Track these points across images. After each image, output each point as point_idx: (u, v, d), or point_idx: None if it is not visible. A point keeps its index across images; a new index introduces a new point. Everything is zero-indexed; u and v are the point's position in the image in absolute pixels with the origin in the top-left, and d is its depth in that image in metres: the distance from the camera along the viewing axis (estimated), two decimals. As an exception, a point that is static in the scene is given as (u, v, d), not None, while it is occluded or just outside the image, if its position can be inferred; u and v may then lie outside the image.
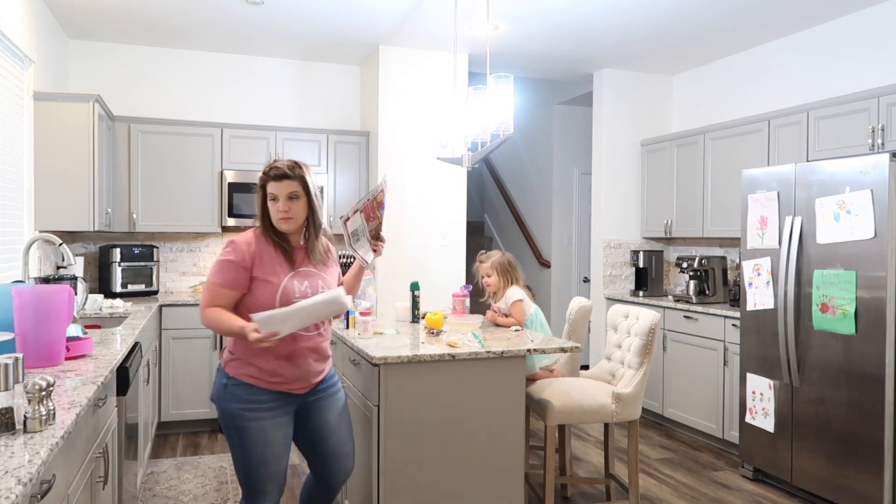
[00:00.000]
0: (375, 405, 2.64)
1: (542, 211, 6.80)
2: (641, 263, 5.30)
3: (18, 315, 2.14)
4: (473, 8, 4.08)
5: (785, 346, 3.61)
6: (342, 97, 5.58)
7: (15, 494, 1.18)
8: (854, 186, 3.26)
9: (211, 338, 4.64)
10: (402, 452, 2.65)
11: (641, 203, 5.60)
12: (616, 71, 5.55)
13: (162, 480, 3.75)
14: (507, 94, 3.14)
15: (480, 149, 3.38)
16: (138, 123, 4.76)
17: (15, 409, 1.56)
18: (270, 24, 4.54)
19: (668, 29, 4.51)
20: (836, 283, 3.33)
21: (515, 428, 2.82)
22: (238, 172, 4.91)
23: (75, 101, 3.99)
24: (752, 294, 3.83)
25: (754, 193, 3.84)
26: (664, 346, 4.81)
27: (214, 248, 5.26)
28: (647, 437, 4.68)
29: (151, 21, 4.49)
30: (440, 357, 2.68)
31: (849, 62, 4.19)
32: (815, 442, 3.46)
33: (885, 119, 3.58)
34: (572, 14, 4.24)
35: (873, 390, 3.17)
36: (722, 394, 4.32)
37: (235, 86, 5.32)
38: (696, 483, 3.83)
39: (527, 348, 2.85)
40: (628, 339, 3.31)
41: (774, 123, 4.27)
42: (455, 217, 5.19)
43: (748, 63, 4.95)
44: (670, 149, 5.24)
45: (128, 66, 5.06)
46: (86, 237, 4.92)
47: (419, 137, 5.06)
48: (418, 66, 5.07)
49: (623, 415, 3.10)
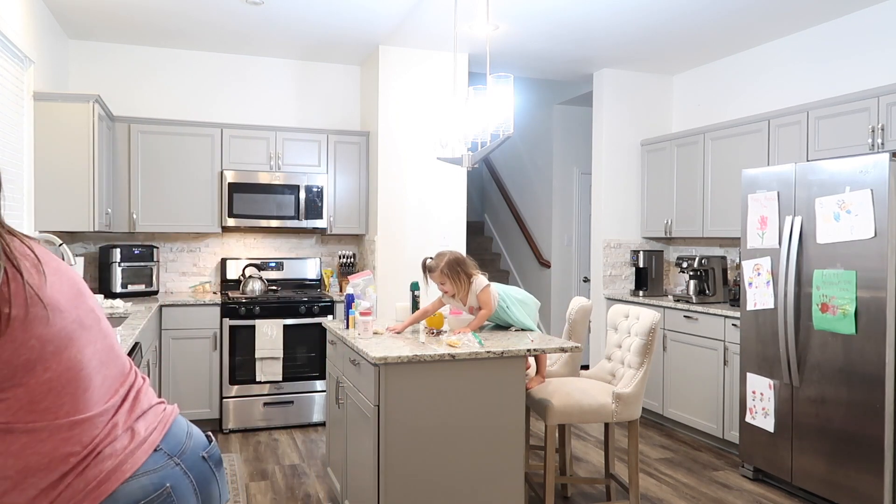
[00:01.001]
0: (375, 405, 2.64)
1: (542, 211, 6.80)
2: (641, 263, 5.30)
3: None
4: (473, 8, 4.08)
5: (785, 346, 3.61)
6: (342, 97, 5.58)
7: (15, 494, 1.17)
8: (854, 186, 3.26)
9: (210, 338, 4.64)
10: (403, 452, 2.65)
11: (641, 203, 5.60)
12: (616, 71, 5.55)
13: (162, 480, 3.74)
14: (507, 94, 3.14)
15: (480, 149, 3.37)
16: (138, 123, 4.76)
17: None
18: (270, 24, 4.54)
19: (668, 29, 4.51)
20: (836, 283, 3.33)
21: (515, 428, 2.82)
22: (238, 172, 4.91)
23: (75, 101, 3.99)
24: (752, 294, 3.83)
25: (754, 193, 3.84)
26: (664, 346, 4.81)
27: (214, 249, 5.26)
28: (648, 437, 4.68)
29: (151, 21, 4.49)
30: (440, 357, 2.68)
31: (849, 62, 4.19)
32: (816, 442, 3.46)
33: (885, 119, 3.58)
34: (572, 14, 4.24)
35: (873, 390, 3.17)
36: (722, 394, 4.32)
37: (235, 86, 5.32)
38: (697, 483, 3.83)
39: (527, 348, 2.85)
40: (628, 339, 3.31)
41: (774, 123, 4.27)
42: (455, 217, 5.19)
43: (748, 63, 4.95)
44: (670, 149, 5.24)
45: (128, 66, 5.06)
46: (86, 237, 4.92)
47: (419, 137, 5.06)
48: (418, 66, 5.08)
49: (623, 415, 3.10)
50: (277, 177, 4.99)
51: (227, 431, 4.70)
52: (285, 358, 4.75)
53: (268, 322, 4.69)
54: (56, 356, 1.07)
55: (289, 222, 5.04)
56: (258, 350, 4.68)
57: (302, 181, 5.04)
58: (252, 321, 4.68)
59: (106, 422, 1.15)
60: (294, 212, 5.02)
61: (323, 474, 3.90)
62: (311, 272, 5.36)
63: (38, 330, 1.05)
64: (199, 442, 1.32)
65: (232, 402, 4.69)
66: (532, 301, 3.47)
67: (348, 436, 3.13)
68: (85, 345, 1.13)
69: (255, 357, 4.69)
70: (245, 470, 3.99)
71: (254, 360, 4.70)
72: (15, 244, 1.09)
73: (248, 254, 5.34)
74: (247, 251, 5.34)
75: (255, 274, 5.00)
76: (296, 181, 5.02)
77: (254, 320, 4.68)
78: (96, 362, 1.15)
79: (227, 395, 4.68)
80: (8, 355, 1.02)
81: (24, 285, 1.04)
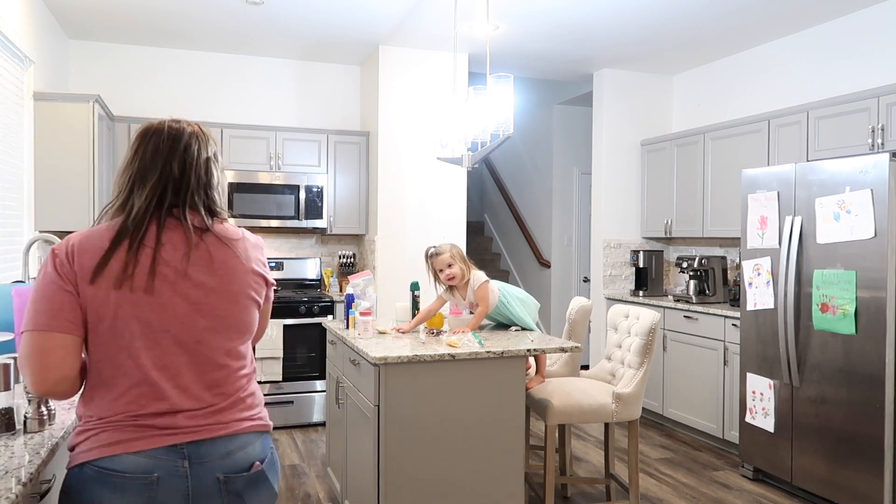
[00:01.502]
0: (375, 405, 2.64)
1: (542, 211, 6.80)
2: (641, 263, 5.30)
3: (18, 315, 2.14)
4: (473, 8, 4.08)
5: (785, 346, 3.61)
6: (342, 97, 5.58)
7: (15, 494, 1.18)
8: (854, 186, 3.26)
9: (211, 338, 4.64)
10: (403, 452, 2.65)
11: (641, 203, 5.60)
12: (616, 71, 5.55)
13: (162, 480, 3.74)
14: (507, 94, 3.14)
15: (480, 149, 3.37)
16: (138, 123, 4.76)
17: (15, 409, 1.56)
18: (270, 24, 4.54)
19: (668, 29, 4.51)
20: (836, 283, 3.33)
21: (515, 428, 2.82)
22: (238, 172, 4.91)
23: (75, 101, 3.99)
24: (752, 294, 3.83)
25: (754, 193, 3.84)
26: (664, 346, 4.81)
27: (214, 248, 5.25)
28: (648, 437, 4.68)
29: (151, 21, 4.49)
30: (440, 357, 2.68)
31: (849, 62, 4.19)
32: (816, 442, 3.46)
33: (885, 119, 3.58)
34: (572, 14, 4.23)
35: (873, 390, 3.17)
36: (722, 394, 4.32)
37: (235, 86, 5.32)
38: (696, 483, 3.83)
39: (527, 348, 2.85)
40: (628, 339, 3.31)
41: (774, 123, 4.27)
42: (455, 217, 5.19)
43: (748, 63, 4.95)
44: (670, 149, 5.24)
45: (128, 66, 5.06)
46: (86, 237, 4.91)
47: (419, 137, 5.06)
48: (418, 66, 5.07)
49: (623, 415, 3.10)
50: (277, 177, 5.00)
51: (227, 431, 4.69)
52: (285, 358, 4.75)
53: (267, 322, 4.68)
54: None
55: (289, 222, 5.04)
56: (258, 350, 4.68)
57: (302, 181, 5.04)
58: (252, 321, 4.67)
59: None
60: (294, 212, 5.03)
61: (323, 474, 3.90)
62: (311, 272, 5.36)
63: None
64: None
65: (232, 402, 4.68)
66: (532, 302, 3.47)
67: (348, 436, 3.13)
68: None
69: (255, 357, 4.68)
70: (245, 470, 3.98)
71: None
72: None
73: (248, 254, 5.33)
74: (247, 251, 5.33)
75: (255, 274, 4.99)
76: (296, 181, 5.02)
77: (254, 320, 4.67)
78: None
79: (227, 395, 4.67)
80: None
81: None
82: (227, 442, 1.38)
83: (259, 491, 1.44)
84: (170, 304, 1.34)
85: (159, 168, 1.40)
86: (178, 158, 1.42)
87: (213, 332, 1.39)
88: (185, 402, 1.35)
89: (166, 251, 1.35)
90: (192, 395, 1.36)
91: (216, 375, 1.40)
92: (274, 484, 1.49)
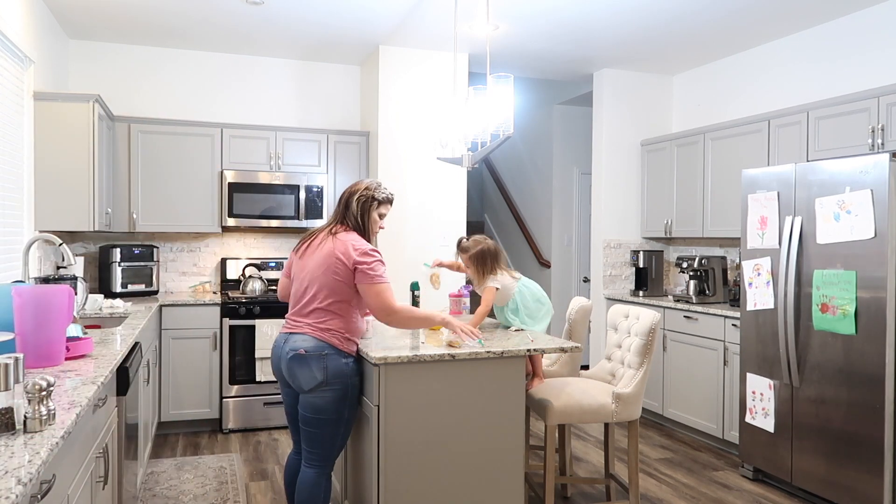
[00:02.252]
0: (375, 405, 2.64)
1: (542, 211, 6.80)
2: (641, 263, 5.30)
3: (18, 315, 2.14)
4: (473, 8, 4.08)
5: (785, 346, 3.61)
6: (342, 97, 5.58)
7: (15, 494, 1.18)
8: (854, 186, 3.26)
9: (210, 338, 4.64)
10: (402, 452, 2.65)
11: (641, 203, 5.60)
12: (616, 71, 5.56)
13: (162, 480, 3.75)
14: (507, 94, 3.14)
15: (480, 149, 3.37)
16: (138, 123, 4.76)
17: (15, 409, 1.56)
18: (270, 24, 4.54)
19: (668, 29, 4.51)
20: (836, 283, 3.33)
21: (515, 428, 2.82)
22: (238, 172, 4.91)
23: (75, 101, 3.99)
24: (752, 294, 3.83)
25: (754, 193, 3.84)
26: (664, 346, 4.81)
27: (214, 249, 5.26)
28: (647, 437, 4.68)
29: (151, 21, 4.50)
30: (440, 357, 2.68)
31: (849, 62, 4.19)
32: (815, 442, 3.46)
33: (885, 119, 3.58)
34: (572, 14, 4.24)
35: (873, 390, 3.17)
36: (722, 394, 4.32)
37: (235, 86, 5.32)
38: (696, 483, 3.83)
39: (527, 348, 2.85)
40: (628, 339, 3.31)
41: (774, 123, 4.27)
42: (455, 217, 5.19)
43: (748, 63, 4.95)
44: (670, 149, 5.24)
45: (128, 66, 5.06)
46: (86, 237, 4.92)
47: (419, 137, 5.06)
48: (418, 66, 5.08)
49: (623, 415, 3.10)
50: (277, 177, 5.00)
51: (226, 431, 4.70)
52: (285, 358, 4.74)
53: (268, 322, 4.69)
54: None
55: (289, 222, 5.04)
56: (258, 350, 4.68)
57: (302, 181, 5.04)
58: (252, 321, 4.68)
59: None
60: (294, 212, 5.03)
61: (323, 474, 3.89)
62: (311, 272, 5.35)
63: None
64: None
65: (232, 401, 4.69)
66: (548, 304, 3.42)
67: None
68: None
69: (255, 357, 4.69)
70: (245, 470, 3.99)
71: (254, 359, 4.70)
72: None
73: (248, 254, 5.34)
74: (247, 251, 5.35)
75: (255, 274, 5.00)
76: (296, 181, 5.02)
77: (254, 320, 4.68)
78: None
79: (227, 395, 4.68)
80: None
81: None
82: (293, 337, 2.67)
83: (300, 368, 2.61)
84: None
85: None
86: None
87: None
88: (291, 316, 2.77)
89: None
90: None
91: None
92: (315, 371, 2.59)
